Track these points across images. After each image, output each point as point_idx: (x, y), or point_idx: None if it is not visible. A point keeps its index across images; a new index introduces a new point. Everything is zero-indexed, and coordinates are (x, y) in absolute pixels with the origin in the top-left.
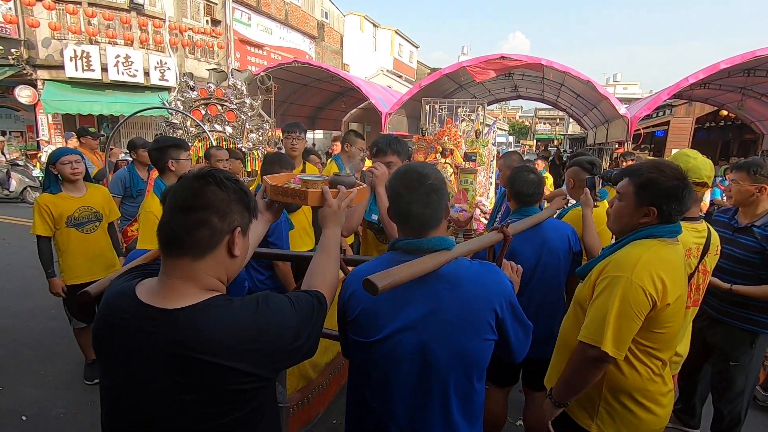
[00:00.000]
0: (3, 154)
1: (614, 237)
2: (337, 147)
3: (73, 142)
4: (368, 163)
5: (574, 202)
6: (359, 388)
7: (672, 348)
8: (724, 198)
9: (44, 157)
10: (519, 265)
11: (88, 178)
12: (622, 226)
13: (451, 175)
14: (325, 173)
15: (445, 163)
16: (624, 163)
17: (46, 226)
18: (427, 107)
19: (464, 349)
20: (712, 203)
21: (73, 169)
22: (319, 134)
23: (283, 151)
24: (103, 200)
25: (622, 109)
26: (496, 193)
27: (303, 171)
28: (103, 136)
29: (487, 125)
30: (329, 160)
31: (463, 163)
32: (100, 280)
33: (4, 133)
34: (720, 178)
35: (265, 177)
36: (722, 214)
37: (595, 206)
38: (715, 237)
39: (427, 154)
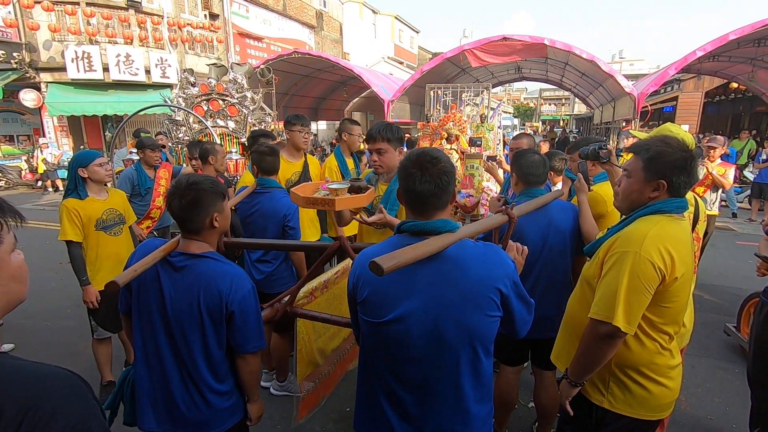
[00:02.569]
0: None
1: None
2: None
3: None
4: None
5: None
6: (372, 362)
7: (678, 322)
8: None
9: (50, 159)
10: (525, 247)
11: None
12: (631, 203)
13: (457, 161)
14: (327, 167)
15: (451, 149)
16: (628, 141)
17: (77, 231)
18: (432, 93)
19: (471, 326)
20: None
21: (107, 171)
22: (322, 125)
23: (286, 143)
24: (123, 203)
25: (628, 86)
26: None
27: (305, 163)
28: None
29: (492, 108)
30: (332, 153)
31: (469, 148)
32: (125, 271)
33: (11, 138)
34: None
35: (293, 190)
36: None
37: (590, 190)
38: (702, 205)
39: (432, 140)
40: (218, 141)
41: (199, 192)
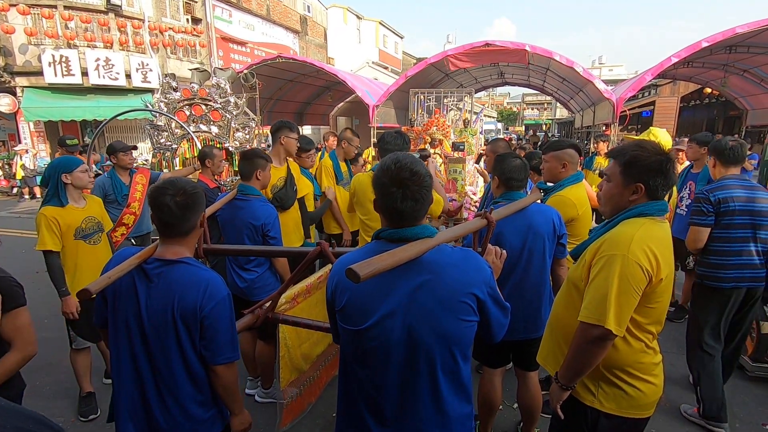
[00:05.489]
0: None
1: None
2: (330, 143)
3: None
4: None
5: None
6: (351, 369)
7: (661, 322)
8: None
9: (29, 163)
10: (504, 251)
11: None
12: (612, 206)
13: (440, 165)
14: (324, 165)
15: (435, 153)
16: (597, 144)
17: (56, 240)
18: (415, 98)
19: (448, 331)
20: None
21: (91, 177)
22: (307, 129)
23: (270, 148)
24: (101, 210)
25: (607, 91)
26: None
27: (288, 168)
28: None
29: (475, 113)
30: (325, 155)
31: (452, 152)
32: (99, 279)
33: None
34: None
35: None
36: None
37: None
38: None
39: (416, 145)
40: (199, 146)
41: (195, 193)
